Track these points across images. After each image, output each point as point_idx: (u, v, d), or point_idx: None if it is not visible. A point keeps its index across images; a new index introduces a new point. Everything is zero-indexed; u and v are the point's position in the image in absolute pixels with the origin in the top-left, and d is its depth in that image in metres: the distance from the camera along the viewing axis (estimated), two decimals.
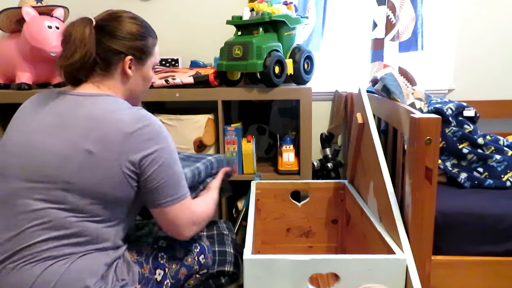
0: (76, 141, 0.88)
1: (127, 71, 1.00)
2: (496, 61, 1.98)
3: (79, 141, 0.88)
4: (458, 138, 1.50)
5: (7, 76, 1.79)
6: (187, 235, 1.01)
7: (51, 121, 0.92)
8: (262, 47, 1.50)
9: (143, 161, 0.92)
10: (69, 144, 0.89)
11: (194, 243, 1.14)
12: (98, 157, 0.88)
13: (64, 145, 0.89)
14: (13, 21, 1.72)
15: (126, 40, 0.99)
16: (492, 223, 1.25)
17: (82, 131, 0.89)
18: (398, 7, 1.84)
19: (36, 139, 0.91)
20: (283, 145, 1.72)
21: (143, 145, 0.91)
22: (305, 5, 1.87)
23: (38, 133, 0.92)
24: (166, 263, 1.06)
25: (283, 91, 1.60)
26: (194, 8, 2.00)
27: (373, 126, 1.34)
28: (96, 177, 0.89)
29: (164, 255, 1.07)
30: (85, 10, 2.01)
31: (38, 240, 0.87)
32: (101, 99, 0.95)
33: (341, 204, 1.62)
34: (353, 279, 1.02)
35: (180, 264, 1.09)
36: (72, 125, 0.90)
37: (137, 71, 1.03)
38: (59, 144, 0.89)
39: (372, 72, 1.90)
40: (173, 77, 1.65)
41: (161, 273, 1.04)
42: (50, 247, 0.87)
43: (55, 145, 0.89)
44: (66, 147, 0.89)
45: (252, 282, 1.03)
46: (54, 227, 0.88)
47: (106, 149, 0.88)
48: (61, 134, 0.90)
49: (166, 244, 1.09)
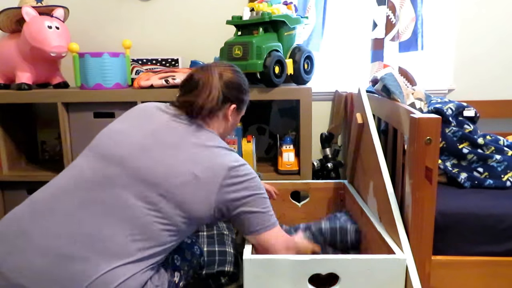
0: (185, 163, 0.97)
1: (228, 117, 1.13)
2: (496, 61, 1.98)
3: (188, 164, 0.97)
4: (458, 138, 1.50)
5: (7, 76, 1.79)
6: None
7: (169, 139, 1.00)
8: (262, 47, 1.50)
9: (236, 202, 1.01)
10: (179, 163, 0.97)
11: (194, 245, 1.19)
12: (201, 183, 0.96)
13: (175, 162, 0.97)
14: (13, 21, 1.73)
15: (235, 91, 1.13)
16: (492, 223, 1.25)
17: (193, 156, 0.98)
18: (398, 7, 1.84)
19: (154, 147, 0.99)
20: (283, 145, 1.72)
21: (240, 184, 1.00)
22: (305, 5, 1.87)
23: (157, 143, 0.99)
24: (181, 265, 1.09)
25: (283, 91, 1.60)
26: (194, 8, 2.00)
27: (373, 126, 1.34)
28: (193, 197, 0.96)
29: (178, 257, 1.10)
30: (85, 10, 2.02)
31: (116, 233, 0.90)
32: (210, 134, 1.06)
33: (341, 204, 1.62)
34: (353, 279, 1.02)
35: (189, 265, 1.13)
36: (185, 147, 1.00)
37: (233, 117, 1.16)
38: (170, 160, 0.97)
39: (372, 72, 1.90)
40: (173, 77, 1.65)
41: (178, 275, 1.07)
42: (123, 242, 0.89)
43: (166, 159, 0.97)
44: (176, 165, 0.97)
45: (252, 282, 1.03)
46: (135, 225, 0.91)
47: (211, 178, 0.97)
48: (173, 151, 0.98)
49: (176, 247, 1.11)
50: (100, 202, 0.92)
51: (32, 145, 2.05)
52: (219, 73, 1.10)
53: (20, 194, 1.85)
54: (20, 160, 1.95)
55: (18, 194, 1.85)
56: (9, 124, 1.86)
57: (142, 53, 1.99)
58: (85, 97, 1.66)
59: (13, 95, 1.69)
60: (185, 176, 0.96)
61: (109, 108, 1.68)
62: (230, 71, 1.13)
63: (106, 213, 0.91)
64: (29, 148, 2.02)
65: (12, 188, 1.85)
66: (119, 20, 2.01)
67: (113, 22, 2.03)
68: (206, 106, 1.05)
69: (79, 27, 1.99)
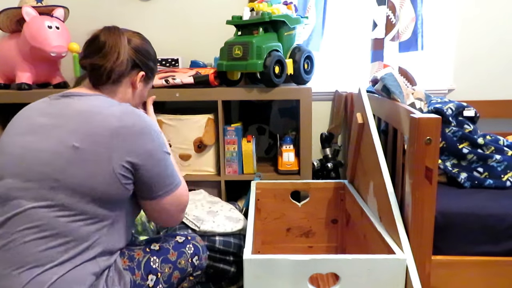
0: (63, 138, 0.90)
1: (136, 84, 1.08)
2: (496, 61, 1.98)
3: (67, 137, 0.89)
4: (458, 138, 1.50)
5: (7, 76, 1.79)
6: (178, 222, 1.06)
7: (44, 121, 0.94)
8: (262, 47, 1.50)
9: (137, 160, 0.92)
10: (57, 141, 0.90)
11: (187, 244, 1.12)
12: (85, 153, 0.88)
13: (52, 142, 0.90)
14: (13, 21, 1.72)
15: (144, 58, 1.08)
16: (492, 223, 1.25)
17: (70, 127, 0.91)
18: (398, 7, 1.84)
19: (29, 140, 0.92)
20: (283, 145, 1.72)
21: (135, 142, 0.92)
22: (305, 5, 1.87)
23: (31, 134, 0.93)
24: (159, 267, 1.04)
25: (283, 91, 1.60)
26: (194, 8, 2.00)
27: (373, 126, 1.34)
28: (84, 173, 0.88)
29: (156, 259, 1.05)
30: (85, 10, 2.02)
31: (26, 241, 0.85)
32: (93, 97, 0.98)
33: (341, 204, 1.62)
34: (353, 279, 1.02)
35: (173, 267, 1.07)
36: (62, 122, 0.92)
37: (141, 86, 1.11)
38: (48, 142, 0.90)
39: (372, 72, 1.90)
40: (173, 77, 1.65)
41: (153, 278, 1.02)
42: (38, 250, 0.85)
43: (44, 144, 0.90)
44: (54, 144, 0.90)
45: (252, 282, 1.03)
46: (42, 227, 0.86)
47: (94, 144, 0.89)
48: (51, 132, 0.91)
49: (158, 247, 1.07)
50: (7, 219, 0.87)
51: None
52: (128, 38, 1.05)
53: None
54: None
55: None
56: None
57: None
58: None
59: (13, 95, 1.68)
60: (65, 153, 0.88)
61: None
62: (138, 37, 1.09)
63: (10, 225, 0.87)
64: None
65: None
66: (119, 20, 2.01)
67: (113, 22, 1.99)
68: (116, 70, 1.00)
69: (79, 27, 1.98)
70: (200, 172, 1.75)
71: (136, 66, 1.06)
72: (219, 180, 1.72)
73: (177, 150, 1.72)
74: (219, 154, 1.72)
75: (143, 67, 1.08)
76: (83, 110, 0.93)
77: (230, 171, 1.72)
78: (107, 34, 1.03)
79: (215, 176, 1.74)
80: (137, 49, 1.06)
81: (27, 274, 0.84)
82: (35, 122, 0.94)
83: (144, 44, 1.09)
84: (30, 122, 0.95)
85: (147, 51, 1.09)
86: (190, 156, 1.72)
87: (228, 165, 1.72)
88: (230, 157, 1.71)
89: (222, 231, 1.37)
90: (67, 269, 0.86)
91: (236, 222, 1.42)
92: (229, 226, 1.39)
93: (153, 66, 1.13)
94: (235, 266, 1.40)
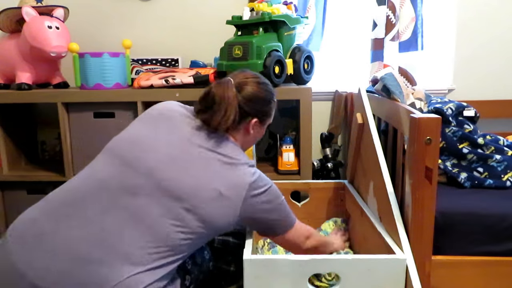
0: (211, 179, 0.97)
1: (249, 131, 1.11)
2: (496, 61, 1.98)
3: (214, 180, 0.97)
4: (458, 138, 1.50)
5: (7, 76, 1.79)
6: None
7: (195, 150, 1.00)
8: (262, 47, 1.50)
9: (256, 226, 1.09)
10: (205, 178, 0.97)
11: (205, 250, 1.19)
12: (225, 200, 0.97)
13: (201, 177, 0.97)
14: (13, 21, 1.73)
15: (257, 105, 1.09)
16: (492, 223, 1.25)
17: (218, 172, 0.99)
18: (398, 7, 1.84)
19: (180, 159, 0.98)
20: (283, 145, 1.72)
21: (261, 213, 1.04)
22: (305, 5, 1.87)
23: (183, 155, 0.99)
24: (191, 269, 1.10)
25: (283, 91, 1.60)
26: (194, 8, 2.00)
27: (373, 126, 1.34)
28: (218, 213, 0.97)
29: (189, 261, 1.10)
30: (85, 10, 2.02)
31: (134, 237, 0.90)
32: (233, 147, 1.05)
33: (341, 204, 1.62)
34: (353, 279, 1.02)
35: (199, 270, 1.13)
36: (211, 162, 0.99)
37: (255, 130, 1.13)
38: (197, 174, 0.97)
39: (372, 72, 1.90)
40: (173, 77, 1.65)
41: (189, 278, 1.07)
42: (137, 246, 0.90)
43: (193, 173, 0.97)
44: (203, 180, 0.97)
45: (252, 282, 1.03)
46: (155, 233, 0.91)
47: (234, 195, 0.98)
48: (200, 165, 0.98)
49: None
50: (123, 209, 0.92)
51: (32, 145, 2.05)
52: (238, 86, 1.06)
53: (20, 194, 1.84)
54: (20, 160, 1.95)
55: (18, 194, 1.85)
56: (9, 124, 1.86)
57: (142, 53, 1.99)
58: (85, 97, 1.66)
59: (13, 95, 1.68)
60: (211, 192, 0.96)
61: (109, 108, 1.68)
62: (252, 83, 1.08)
63: (128, 221, 0.91)
64: (29, 148, 2.02)
65: (12, 188, 1.85)
66: (119, 20, 2.01)
67: (113, 22, 2.03)
68: (222, 125, 1.03)
69: (79, 27, 1.99)
70: None
71: (247, 114, 1.08)
72: None
73: None
74: None
75: (256, 114, 1.10)
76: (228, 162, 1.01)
77: None
78: (217, 87, 1.06)
79: None
80: (248, 98, 1.06)
81: (128, 268, 0.87)
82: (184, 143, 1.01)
83: (256, 91, 1.08)
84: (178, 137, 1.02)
85: (259, 98, 1.09)
86: None
87: None
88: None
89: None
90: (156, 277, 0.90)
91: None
92: None
93: (267, 110, 1.13)
94: (234, 265, 1.40)
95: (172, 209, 0.93)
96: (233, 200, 0.97)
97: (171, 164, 0.97)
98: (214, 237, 1.16)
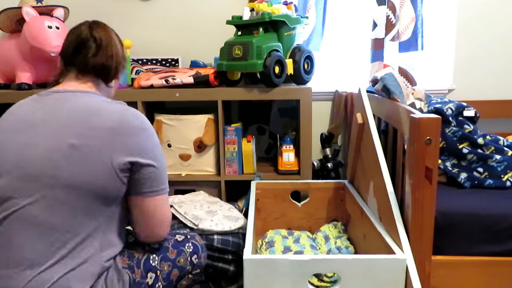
0: (59, 135, 0.90)
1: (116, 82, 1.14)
2: (496, 61, 1.98)
3: (63, 134, 0.90)
4: (458, 138, 1.50)
5: (7, 76, 1.79)
6: (161, 235, 1.05)
7: (37, 118, 0.94)
8: (262, 47, 1.50)
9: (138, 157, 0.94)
10: (53, 138, 0.90)
11: (187, 243, 1.13)
12: (83, 150, 0.89)
13: (48, 139, 0.90)
14: (13, 21, 1.72)
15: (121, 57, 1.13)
16: (492, 223, 1.25)
17: (66, 123, 0.91)
18: (398, 7, 1.84)
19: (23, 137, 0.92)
20: (283, 145, 1.72)
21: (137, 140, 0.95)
22: (305, 5, 1.87)
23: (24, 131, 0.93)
24: (158, 265, 1.05)
25: (283, 91, 1.60)
26: (194, 8, 2.00)
27: (373, 126, 1.34)
28: (83, 170, 0.89)
29: (156, 257, 1.05)
30: (85, 10, 2.02)
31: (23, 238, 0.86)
32: (87, 95, 1.00)
33: (341, 204, 1.62)
34: (353, 279, 1.02)
35: (172, 265, 1.07)
36: (56, 119, 0.93)
37: (115, 82, 1.15)
38: (43, 140, 0.90)
39: (372, 72, 1.90)
40: (173, 77, 1.65)
41: (152, 276, 1.03)
42: (36, 247, 0.86)
43: (39, 141, 0.91)
44: (49, 141, 0.90)
45: (252, 282, 1.03)
46: (38, 224, 0.87)
47: (94, 141, 0.90)
48: (45, 129, 0.91)
49: (158, 246, 1.08)
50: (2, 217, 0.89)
51: None
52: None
53: None
54: None
55: None
56: None
57: (142, 53, 1.99)
58: None
59: (13, 95, 1.68)
60: (64, 150, 0.89)
61: None
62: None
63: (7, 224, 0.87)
64: None
65: None
66: (119, 20, 2.01)
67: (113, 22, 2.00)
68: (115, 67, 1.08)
69: None
70: (200, 172, 1.75)
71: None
72: (219, 180, 1.72)
73: (177, 150, 1.72)
74: (219, 154, 1.72)
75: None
76: (80, 108, 0.94)
77: (230, 171, 1.72)
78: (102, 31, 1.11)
79: (215, 176, 1.74)
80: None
81: (28, 272, 0.85)
82: (28, 119, 0.94)
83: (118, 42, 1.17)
84: (22, 119, 0.95)
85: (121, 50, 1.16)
86: (190, 156, 1.72)
87: (228, 165, 1.72)
88: (230, 157, 1.71)
89: (220, 229, 1.37)
90: (68, 268, 0.87)
91: (235, 221, 1.42)
92: (228, 225, 1.39)
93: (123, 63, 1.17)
94: (234, 265, 1.40)
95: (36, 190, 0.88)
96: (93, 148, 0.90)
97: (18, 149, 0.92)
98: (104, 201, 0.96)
